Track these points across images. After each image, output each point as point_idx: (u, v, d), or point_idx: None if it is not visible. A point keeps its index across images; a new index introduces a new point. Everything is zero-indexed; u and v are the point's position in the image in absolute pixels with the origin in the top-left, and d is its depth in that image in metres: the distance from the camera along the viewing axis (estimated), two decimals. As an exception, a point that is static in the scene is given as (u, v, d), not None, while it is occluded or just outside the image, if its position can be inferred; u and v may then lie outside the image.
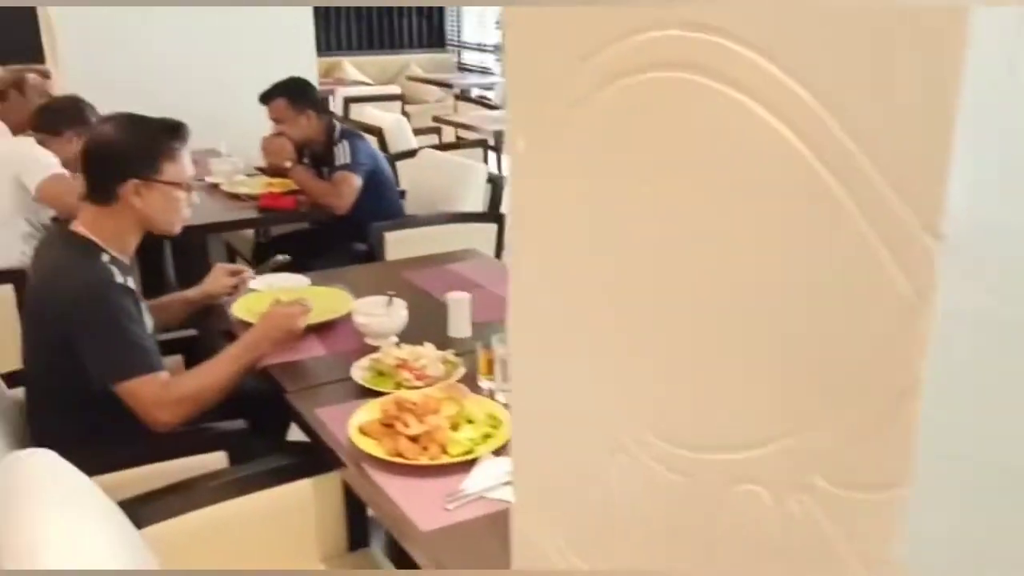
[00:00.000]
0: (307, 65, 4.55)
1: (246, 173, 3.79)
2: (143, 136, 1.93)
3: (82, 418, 1.90)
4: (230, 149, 3.92)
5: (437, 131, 5.96)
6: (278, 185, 3.64)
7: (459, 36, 9.64)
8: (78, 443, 1.83)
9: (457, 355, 2.00)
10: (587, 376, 0.98)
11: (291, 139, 3.57)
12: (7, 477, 1.42)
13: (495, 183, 3.91)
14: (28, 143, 3.07)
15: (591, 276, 0.95)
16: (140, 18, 4.23)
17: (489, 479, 1.53)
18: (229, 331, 2.24)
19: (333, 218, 3.53)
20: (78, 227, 1.93)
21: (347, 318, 2.22)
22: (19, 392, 2.11)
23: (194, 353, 2.34)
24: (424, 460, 1.57)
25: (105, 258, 1.89)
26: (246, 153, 4.00)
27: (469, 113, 6.75)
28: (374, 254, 3.51)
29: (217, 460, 1.92)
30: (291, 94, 3.54)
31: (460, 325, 2.18)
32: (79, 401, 1.88)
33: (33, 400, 1.98)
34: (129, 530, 1.54)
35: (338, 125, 3.66)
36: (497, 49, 9.03)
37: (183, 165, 1.99)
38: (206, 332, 2.44)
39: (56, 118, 3.16)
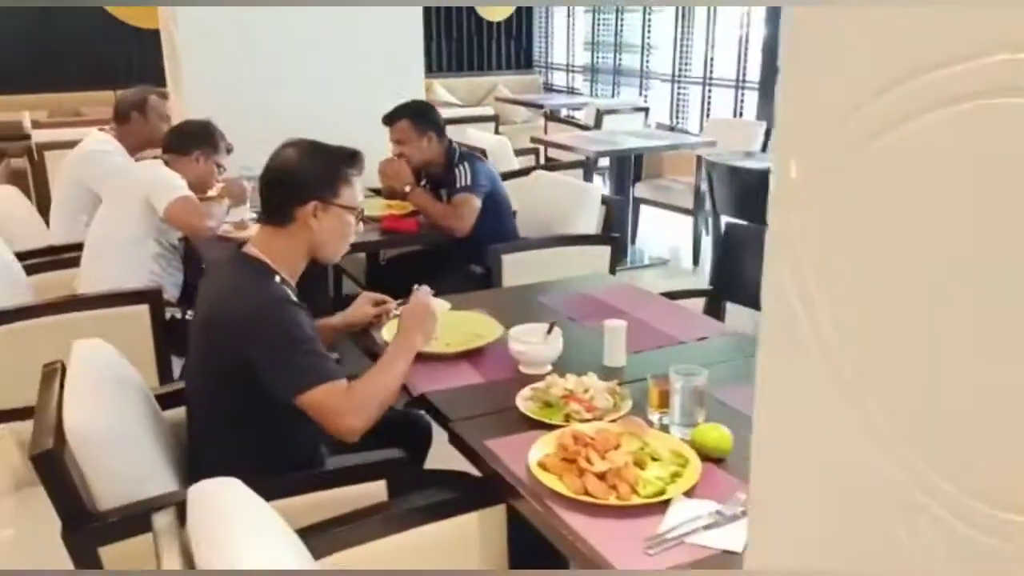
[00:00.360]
0: (416, 89, 4.56)
1: (363, 195, 3.78)
2: (324, 160, 1.98)
3: (248, 444, 1.89)
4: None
5: (535, 151, 5.93)
6: (397, 207, 3.64)
7: (547, 58, 9.64)
8: (244, 468, 1.83)
9: (624, 384, 1.93)
10: (872, 419, 0.89)
11: (411, 161, 3.57)
12: (202, 505, 1.40)
13: (609, 204, 3.84)
14: (157, 165, 3.12)
15: (890, 308, 0.87)
16: (258, 45, 4.30)
17: (687, 523, 1.44)
18: (376, 353, 2.22)
19: (450, 240, 3.51)
20: (251, 249, 1.95)
21: (497, 344, 2.17)
22: (173, 413, 2.12)
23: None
24: (614, 500, 1.50)
25: (277, 279, 1.91)
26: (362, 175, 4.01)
27: (562, 133, 6.70)
28: (491, 276, 3.47)
29: (377, 489, 1.88)
30: (415, 116, 3.54)
31: (616, 354, 2.11)
32: (247, 426, 1.88)
33: (197, 423, 1.98)
34: (308, 559, 1.51)
35: (457, 147, 3.64)
36: (585, 70, 9.00)
37: (356, 192, 2.03)
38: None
39: (187, 139, 3.21)
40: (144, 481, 1.75)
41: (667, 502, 1.51)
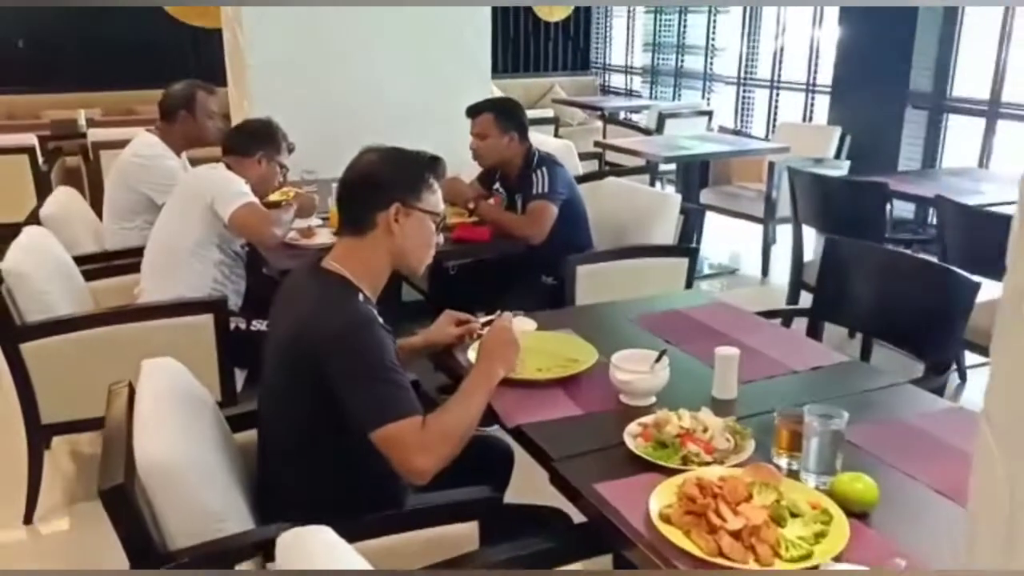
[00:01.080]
0: (484, 90, 4.40)
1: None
2: (406, 164, 1.87)
3: (327, 473, 1.76)
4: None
5: (598, 156, 5.73)
6: (469, 216, 3.47)
7: (605, 59, 9.43)
8: (322, 499, 1.69)
9: (739, 421, 1.74)
10: None
11: (486, 158, 3.41)
12: (292, 554, 1.24)
13: (686, 214, 3.64)
14: (219, 168, 2.99)
15: None
16: (322, 45, 4.16)
17: (845, 595, 1.25)
18: (454, 372, 2.06)
19: (521, 249, 3.33)
20: (331, 264, 1.81)
21: (593, 370, 2.00)
22: (243, 436, 1.98)
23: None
24: (753, 565, 1.31)
25: (361, 296, 1.76)
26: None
27: (625, 138, 6.50)
28: (564, 288, 3.30)
29: (467, 531, 1.71)
30: (499, 111, 3.40)
31: (727, 384, 1.91)
32: (326, 453, 1.73)
33: (272, 448, 1.83)
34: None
35: (538, 152, 3.47)
36: (645, 72, 8.78)
37: (439, 198, 1.91)
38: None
39: (249, 140, 3.06)
40: (220, 517, 1.60)
41: (814, 567, 1.31)
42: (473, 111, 3.43)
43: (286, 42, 4.08)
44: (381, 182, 1.81)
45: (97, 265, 3.24)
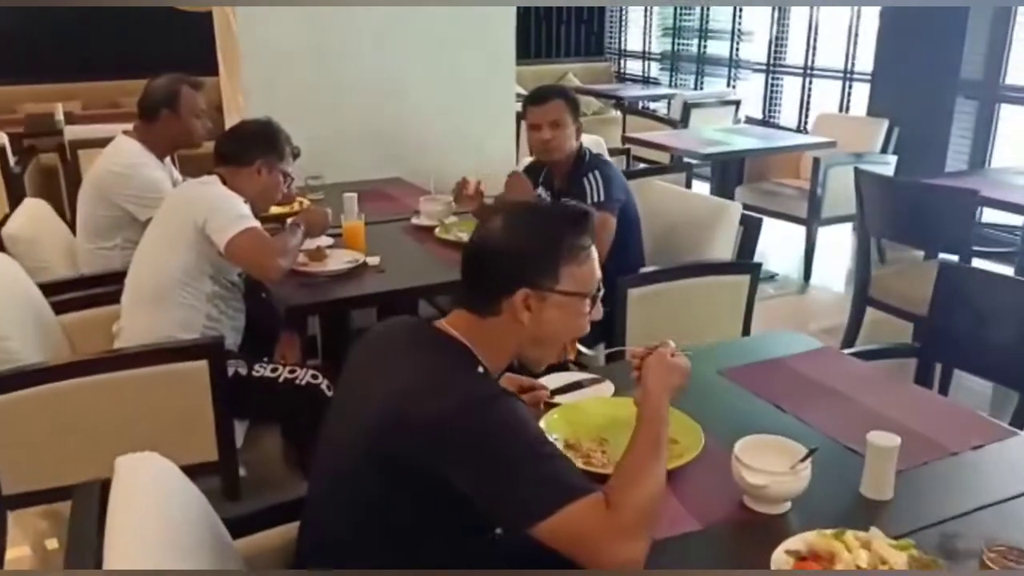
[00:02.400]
0: (507, 80, 3.93)
1: (445, 216, 3.16)
2: (538, 232, 1.42)
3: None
4: (437, 185, 3.30)
5: (626, 152, 5.26)
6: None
7: (620, 45, 8.92)
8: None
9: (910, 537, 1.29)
10: None
11: (554, 152, 2.93)
12: None
13: (747, 225, 3.19)
14: (213, 186, 2.51)
15: None
16: (326, 29, 3.68)
17: None
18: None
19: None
20: (447, 327, 1.41)
21: (700, 458, 1.55)
22: (246, 543, 1.54)
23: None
24: None
25: (481, 369, 1.37)
26: (442, 187, 3.42)
27: (644, 129, 6.03)
28: (613, 313, 2.84)
29: None
30: (568, 97, 2.95)
31: (882, 482, 1.47)
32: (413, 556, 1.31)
33: (333, 543, 1.38)
34: None
35: (588, 151, 3.01)
36: (663, 58, 8.28)
37: (590, 268, 1.44)
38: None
39: (245, 147, 2.57)
40: None
41: None
42: (540, 97, 2.94)
43: (286, 27, 3.60)
44: (503, 261, 1.39)
45: (70, 295, 2.75)
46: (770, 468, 1.40)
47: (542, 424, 1.61)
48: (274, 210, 2.96)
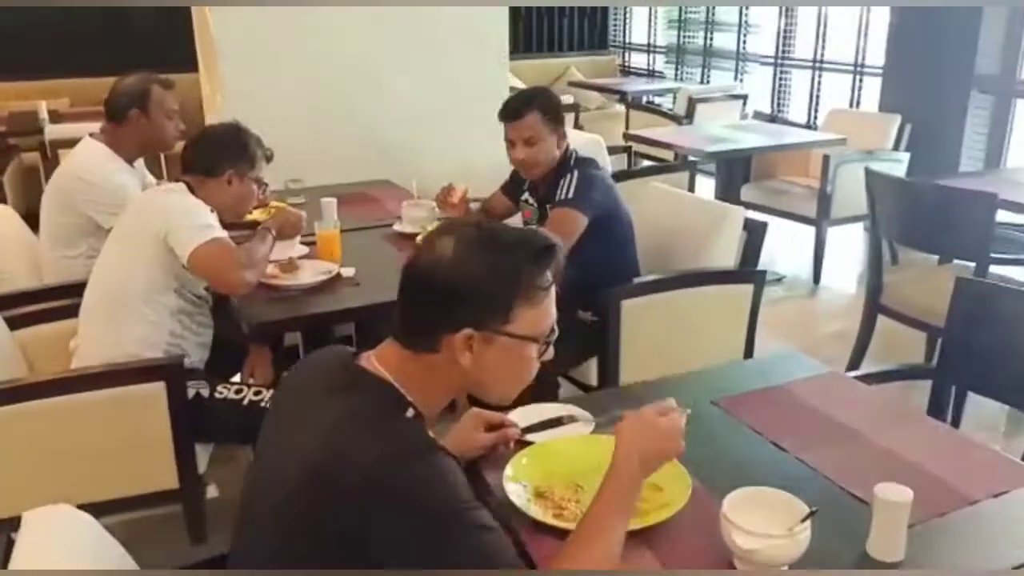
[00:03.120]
0: (499, 74, 3.75)
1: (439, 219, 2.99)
2: (498, 270, 1.20)
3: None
4: (420, 188, 3.12)
5: (627, 150, 5.08)
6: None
7: (625, 37, 8.71)
8: None
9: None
10: None
11: (535, 167, 2.76)
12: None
13: (751, 230, 3.00)
14: (177, 194, 2.34)
15: None
16: (306, 24, 3.50)
17: None
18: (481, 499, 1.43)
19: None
20: (372, 363, 1.23)
21: (686, 510, 1.37)
22: None
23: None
24: None
25: (409, 414, 1.20)
26: (432, 189, 3.24)
27: (648, 124, 5.84)
28: (606, 326, 2.67)
29: None
30: (545, 107, 2.71)
31: (891, 541, 1.29)
32: None
33: None
34: None
35: (575, 153, 2.82)
36: (669, 51, 8.07)
37: (547, 310, 1.26)
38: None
39: (214, 155, 2.40)
40: None
41: None
42: (512, 112, 2.71)
43: (264, 24, 3.43)
44: (449, 295, 1.19)
45: (30, 307, 2.59)
46: (764, 529, 1.22)
47: (508, 470, 1.44)
48: (254, 217, 2.81)
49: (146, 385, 2.13)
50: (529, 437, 1.56)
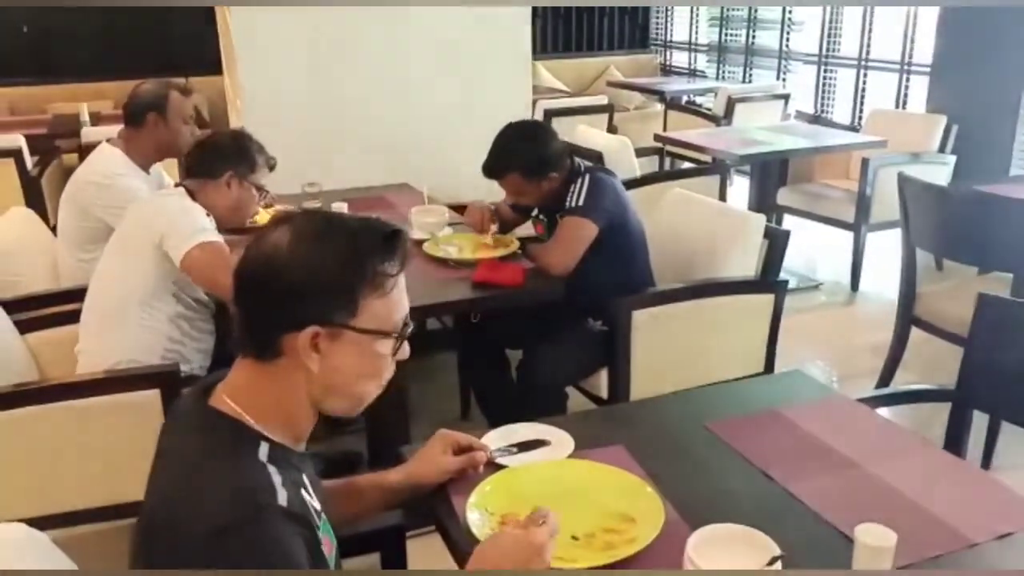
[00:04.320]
0: (522, 77, 3.69)
1: (450, 224, 2.94)
2: (338, 257, 1.10)
3: None
4: (433, 191, 3.08)
5: (659, 152, 4.97)
6: (496, 245, 2.77)
7: (666, 35, 8.56)
8: None
9: None
10: None
11: (531, 203, 2.73)
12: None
13: (773, 238, 2.89)
14: (174, 198, 2.35)
15: None
16: (325, 26, 3.49)
17: None
18: (447, 535, 1.37)
19: (560, 288, 2.62)
20: (221, 398, 1.13)
21: (657, 543, 1.30)
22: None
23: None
24: None
25: (263, 452, 1.10)
26: (451, 192, 3.20)
27: (686, 125, 5.72)
28: (615, 336, 2.60)
29: None
30: (524, 165, 2.61)
31: (874, 585, 1.20)
32: None
33: None
34: None
35: (581, 164, 2.75)
36: (711, 49, 7.91)
37: (397, 300, 1.16)
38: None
39: (213, 158, 2.41)
40: None
41: None
42: (490, 172, 2.64)
43: (283, 26, 3.42)
44: (288, 288, 1.09)
45: (45, 311, 2.61)
46: (731, 568, 1.14)
47: (472, 497, 1.38)
48: (259, 221, 2.80)
49: (142, 392, 2.13)
50: (501, 461, 1.49)
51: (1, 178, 4.42)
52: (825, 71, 6.55)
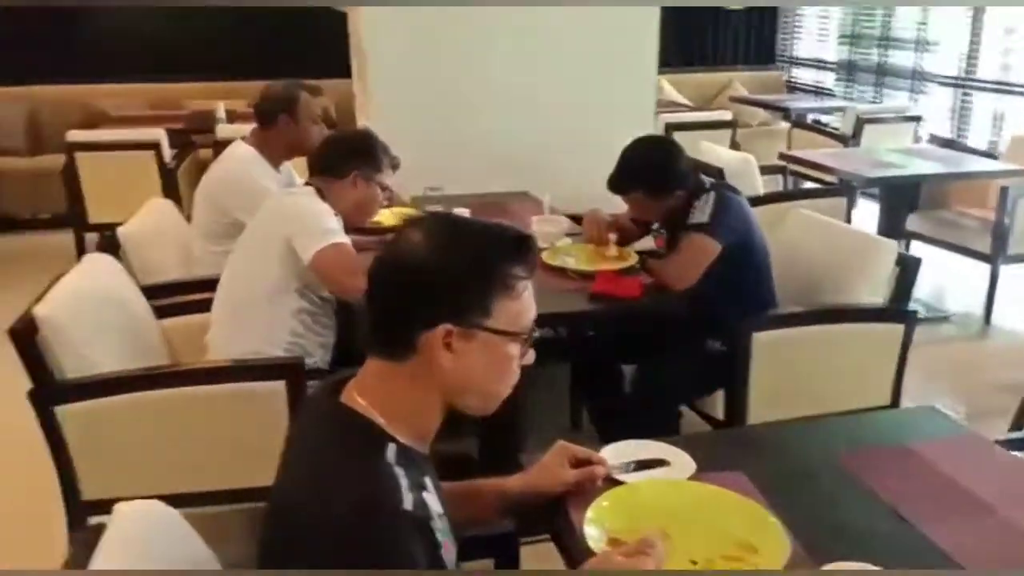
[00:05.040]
0: (647, 92, 3.66)
1: (569, 234, 2.93)
2: (473, 258, 1.15)
3: None
4: (553, 200, 3.08)
5: (782, 170, 4.84)
6: (615, 257, 2.75)
7: (792, 51, 8.35)
8: None
9: None
10: None
11: (654, 219, 2.72)
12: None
13: (904, 265, 2.76)
14: (304, 197, 2.42)
15: None
16: (454, 33, 3.55)
17: None
18: (563, 546, 1.35)
19: (678, 301, 2.58)
20: (352, 396, 1.16)
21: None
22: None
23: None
24: None
25: (390, 453, 1.11)
26: (571, 202, 3.20)
27: (812, 144, 5.55)
28: (735, 359, 2.53)
29: None
30: (649, 182, 2.60)
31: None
32: None
33: None
34: None
35: (706, 181, 2.70)
36: (839, 67, 7.66)
37: (527, 304, 1.18)
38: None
39: (340, 158, 2.48)
40: None
41: None
42: (615, 188, 2.64)
43: (412, 31, 3.50)
44: (423, 286, 1.13)
45: (179, 298, 2.75)
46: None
47: (589, 512, 1.36)
48: (380, 220, 2.88)
49: (268, 383, 2.20)
50: (619, 477, 1.47)
51: (142, 168, 4.70)
52: (963, 94, 6.24)
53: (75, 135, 4.84)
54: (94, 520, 2.25)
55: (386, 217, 3.03)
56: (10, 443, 2.90)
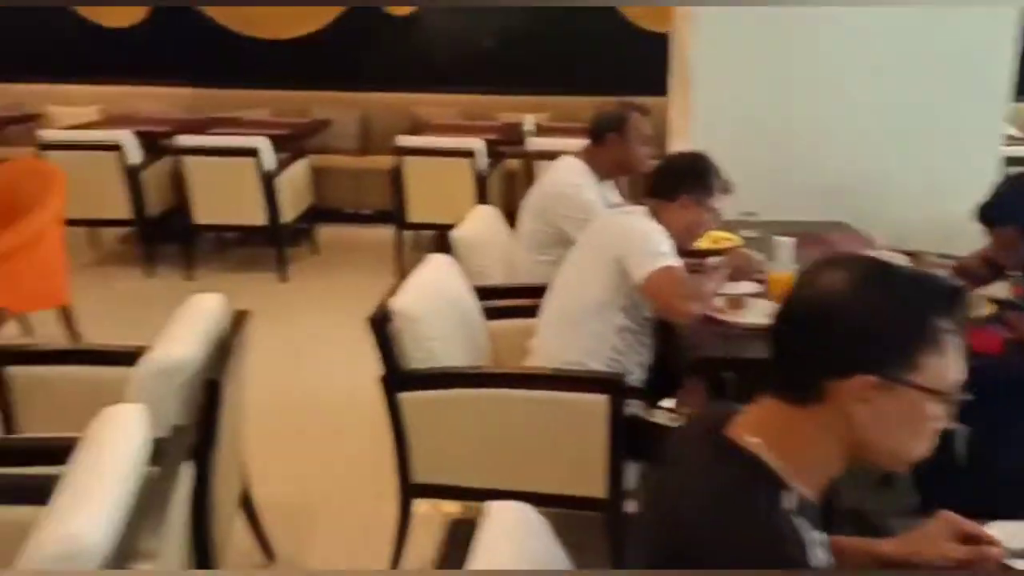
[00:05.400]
0: (994, 122, 3.35)
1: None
2: (901, 308, 1.08)
3: None
4: (889, 240, 2.90)
5: None
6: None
7: None
8: None
9: None
10: None
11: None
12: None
13: None
14: (637, 218, 2.46)
15: None
16: (791, 56, 3.46)
17: None
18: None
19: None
20: (742, 434, 1.13)
21: None
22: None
23: None
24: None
25: (791, 501, 1.07)
26: (893, 237, 3.00)
27: None
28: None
29: None
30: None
31: None
32: None
33: None
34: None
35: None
36: None
37: (955, 361, 1.08)
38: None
39: (672, 180, 2.50)
40: None
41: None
42: (987, 220, 2.42)
43: (743, 54, 3.45)
44: (843, 332, 1.08)
45: (503, 302, 2.91)
46: None
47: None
48: (699, 244, 2.85)
49: (589, 395, 2.27)
50: (1014, 564, 1.32)
51: (459, 175, 5.04)
52: None
53: (404, 140, 5.27)
54: (419, 503, 2.48)
55: (704, 242, 3.00)
56: (354, 423, 3.26)
